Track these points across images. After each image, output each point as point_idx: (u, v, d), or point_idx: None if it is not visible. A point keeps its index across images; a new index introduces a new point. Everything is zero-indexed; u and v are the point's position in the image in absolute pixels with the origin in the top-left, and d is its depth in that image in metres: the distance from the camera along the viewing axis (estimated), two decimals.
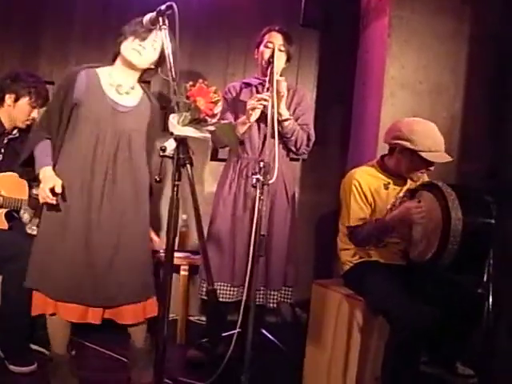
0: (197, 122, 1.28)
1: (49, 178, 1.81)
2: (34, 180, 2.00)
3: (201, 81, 1.34)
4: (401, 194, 2.17)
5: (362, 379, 2.06)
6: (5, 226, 2.46)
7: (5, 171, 2.49)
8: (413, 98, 2.70)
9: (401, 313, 1.88)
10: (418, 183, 2.17)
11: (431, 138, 2.01)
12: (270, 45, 2.31)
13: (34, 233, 1.89)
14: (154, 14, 1.59)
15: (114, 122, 1.89)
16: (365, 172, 2.17)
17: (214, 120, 1.32)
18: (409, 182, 2.18)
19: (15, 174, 2.52)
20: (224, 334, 2.48)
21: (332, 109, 3.22)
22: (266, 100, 2.12)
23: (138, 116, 1.97)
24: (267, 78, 2.21)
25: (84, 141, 1.87)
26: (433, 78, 2.73)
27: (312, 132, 2.40)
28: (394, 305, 1.92)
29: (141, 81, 2.03)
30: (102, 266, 1.86)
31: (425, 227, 1.99)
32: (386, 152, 2.21)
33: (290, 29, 2.44)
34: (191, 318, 2.99)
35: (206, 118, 1.30)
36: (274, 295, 2.35)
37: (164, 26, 1.53)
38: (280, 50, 2.30)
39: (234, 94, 2.42)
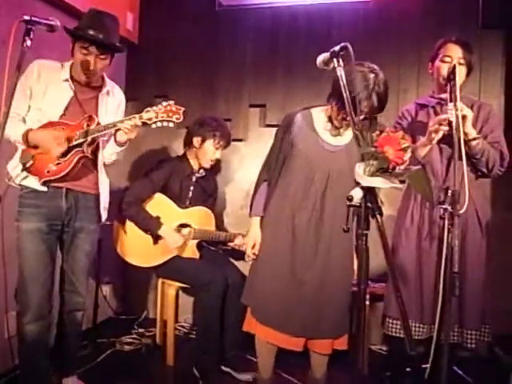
0: (384, 170, 1.22)
1: (252, 234, 2.07)
2: None
3: (387, 129, 1.27)
4: None
5: None
6: (196, 255, 2.74)
7: (194, 206, 2.77)
8: None
9: None
10: None
11: None
12: (448, 59, 2.09)
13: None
14: (327, 54, 1.55)
15: (324, 162, 1.95)
16: None
17: (403, 167, 1.23)
18: None
19: (203, 208, 2.79)
20: (408, 370, 2.34)
21: None
22: (449, 121, 1.93)
23: (350, 154, 1.93)
24: (447, 96, 2.01)
25: (295, 178, 1.98)
26: None
27: (505, 149, 2.09)
28: None
29: None
30: (307, 300, 1.93)
31: None
32: None
33: (467, 32, 2.18)
34: (372, 347, 2.90)
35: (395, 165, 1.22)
36: (471, 334, 2.11)
37: (339, 68, 1.50)
38: (460, 64, 2.06)
39: (410, 119, 2.26)
